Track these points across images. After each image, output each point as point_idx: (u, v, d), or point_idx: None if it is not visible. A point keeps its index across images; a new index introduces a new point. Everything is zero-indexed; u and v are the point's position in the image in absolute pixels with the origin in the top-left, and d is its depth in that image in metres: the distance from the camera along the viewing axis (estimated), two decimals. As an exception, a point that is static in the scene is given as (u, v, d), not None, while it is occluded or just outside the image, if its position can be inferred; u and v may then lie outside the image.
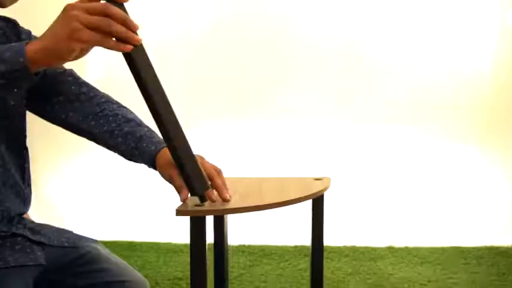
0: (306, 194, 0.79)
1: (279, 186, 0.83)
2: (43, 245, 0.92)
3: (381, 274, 1.38)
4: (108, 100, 0.88)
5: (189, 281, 0.71)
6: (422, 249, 1.58)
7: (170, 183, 0.76)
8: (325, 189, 0.84)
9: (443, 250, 1.57)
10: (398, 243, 1.63)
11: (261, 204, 0.70)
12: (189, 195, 0.70)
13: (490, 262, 1.47)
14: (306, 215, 1.23)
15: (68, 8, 0.57)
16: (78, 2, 0.58)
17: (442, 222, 1.71)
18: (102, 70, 1.87)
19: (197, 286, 0.66)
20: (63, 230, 1.02)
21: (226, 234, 0.95)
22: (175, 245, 1.67)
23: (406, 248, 1.60)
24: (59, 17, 0.58)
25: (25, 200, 0.88)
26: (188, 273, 1.48)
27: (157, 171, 0.79)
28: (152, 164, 0.80)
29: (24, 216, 0.92)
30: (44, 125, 0.90)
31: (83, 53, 0.60)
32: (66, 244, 0.98)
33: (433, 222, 1.72)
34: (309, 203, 0.90)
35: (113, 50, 0.58)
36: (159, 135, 0.82)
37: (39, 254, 0.89)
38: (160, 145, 0.81)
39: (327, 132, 1.79)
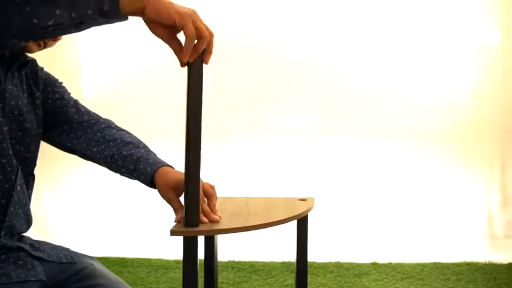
0: (291, 215, 0.84)
1: (266, 207, 0.88)
2: (42, 260, 0.97)
3: (365, 290, 1.42)
4: (108, 126, 0.96)
5: (178, 298, 0.75)
6: (405, 265, 1.61)
7: (168, 203, 0.82)
8: (309, 210, 0.89)
9: (424, 266, 1.60)
10: (382, 259, 1.66)
11: (248, 225, 0.75)
12: None
13: (468, 278, 1.51)
14: (292, 232, 1.28)
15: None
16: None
17: (425, 238, 1.75)
18: (95, 90, 1.93)
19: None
20: (60, 247, 1.07)
21: (217, 251, 0.99)
22: (166, 261, 1.68)
23: (390, 264, 1.63)
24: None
25: (29, 222, 0.93)
26: (178, 289, 1.49)
27: (155, 190, 0.85)
28: (150, 183, 0.86)
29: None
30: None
31: (161, 34, 0.66)
32: (64, 260, 1.02)
33: (415, 239, 1.75)
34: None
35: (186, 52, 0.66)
36: (156, 155, 0.92)
37: (40, 269, 0.93)
38: (156, 165, 0.87)
39: (313, 151, 1.83)
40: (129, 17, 0.66)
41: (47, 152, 1.09)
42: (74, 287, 0.99)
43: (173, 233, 0.68)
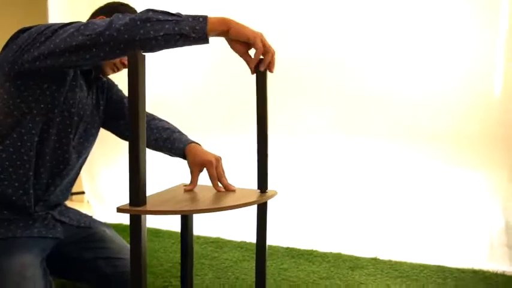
0: (236, 204, 0.91)
1: (224, 195, 0.94)
2: (64, 223, 1.21)
3: (351, 282, 1.41)
4: (153, 118, 1.20)
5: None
6: (405, 264, 1.56)
7: (190, 173, 1.03)
8: (260, 200, 0.95)
9: (425, 267, 1.54)
10: (384, 256, 1.64)
11: (184, 209, 0.82)
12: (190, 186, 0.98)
13: (469, 286, 1.42)
14: (299, 221, 1.39)
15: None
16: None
17: (433, 240, 1.68)
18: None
19: (136, 271, 0.78)
20: (84, 214, 1.31)
21: (192, 225, 1.08)
22: (197, 237, 1.82)
23: (390, 261, 1.60)
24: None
25: (65, 198, 1.20)
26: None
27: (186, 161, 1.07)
28: (183, 157, 1.09)
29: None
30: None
31: (238, 49, 0.88)
32: (82, 224, 1.26)
33: (423, 239, 1.69)
34: (309, 213, 1.13)
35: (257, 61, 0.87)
36: (187, 136, 1.13)
37: (59, 229, 1.17)
38: (186, 142, 1.10)
39: (325, 148, 1.86)
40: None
41: (105, 137, 1.34)
42: (86, 245, 1.22)
43: (119, 210, 0.80)
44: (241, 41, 0.87)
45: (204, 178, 1.03)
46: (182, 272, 1.08)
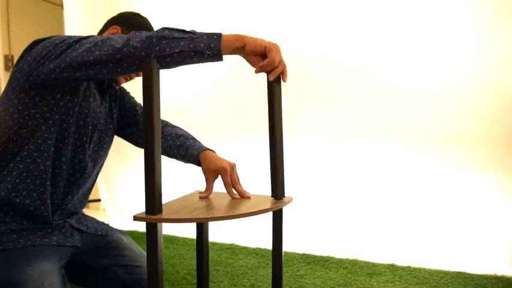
0: (250, 211, 0.91)
1: (247, 202, 0.93)
2: (82, 231, 1.23)
3: (369, 289, 1.40)
4: (166, 125, 1.21)
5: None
6: (423, 271, 1.53)
7: (205, 180, 1.03)
8: (275, 207, 0.95)
9: (445, 274, 1.50)
10: (402, 262, 1.61)
11: (199, 217, 0.82)
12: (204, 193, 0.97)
13: (490, 292, 1.37)
14: (315, 227, 1.35)
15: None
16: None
17: (453, 245, 1.64)
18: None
19: (153, 278, 0.79)
20: (101, 222, 1.33)
21: (207, 232, 1.09)
22: (212, 243, 1.85)
23: (408, 267, 1.57)
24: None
25: (82, 205, 1.21)
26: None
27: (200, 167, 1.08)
28: (197, 164, 1.09)
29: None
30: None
31: (256, 62, 0.89)
32: (99, 232, 1.27)
33: (442, 245, 1.65)
34: (324, 219, 1.19)
35: (270, 72, 0.88)
36: (201, 143, 1.14)
37: (77, 238, 1.18)
38: (200, 149, 1.10)
39: (340, 153, 1.85)
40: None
41: (120, 145, 1.36)
42: (103, 253, 1.23)
43: (136, 218, 0.81)
44: (258, 52, 0.87)
45: (219, 185, 1.03)
46: (198, 280, 1.08)
